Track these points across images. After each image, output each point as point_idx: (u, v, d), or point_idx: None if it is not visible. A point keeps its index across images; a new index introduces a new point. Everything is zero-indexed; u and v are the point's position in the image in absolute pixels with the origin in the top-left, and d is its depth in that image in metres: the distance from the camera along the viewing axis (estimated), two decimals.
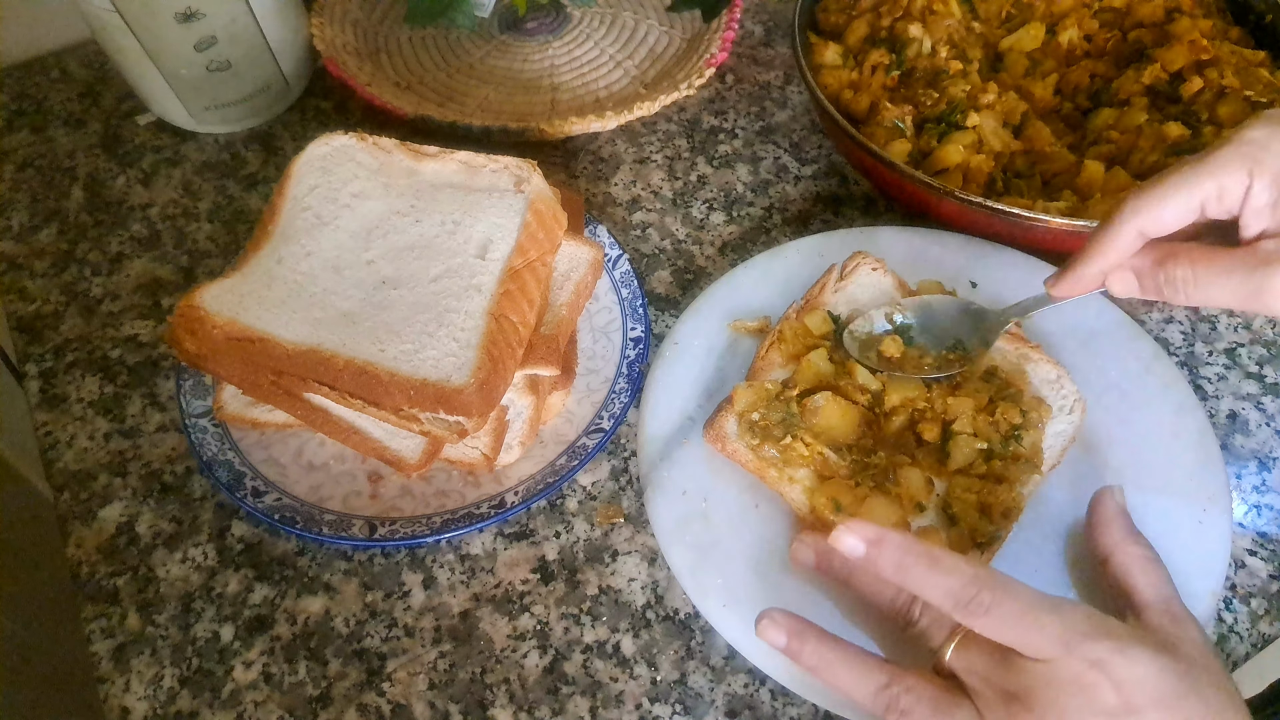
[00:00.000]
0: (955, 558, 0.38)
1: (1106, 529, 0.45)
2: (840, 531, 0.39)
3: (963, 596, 0.36)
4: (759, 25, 0.81)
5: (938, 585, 0.37)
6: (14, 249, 0.66)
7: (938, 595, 0.37)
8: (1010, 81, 0.65)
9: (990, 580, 0.36)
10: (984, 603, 0.36)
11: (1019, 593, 0.36)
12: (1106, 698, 0.34)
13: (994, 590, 0.36)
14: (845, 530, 0.39)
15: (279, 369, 0.46)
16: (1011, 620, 0.36)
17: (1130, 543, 0.44)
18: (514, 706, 0.46)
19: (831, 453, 0.48)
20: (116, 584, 0.50)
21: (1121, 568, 0.43)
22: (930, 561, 0.37)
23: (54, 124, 0.74)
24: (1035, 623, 0.35)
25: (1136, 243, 0.43)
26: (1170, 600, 0.41)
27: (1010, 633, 0.36)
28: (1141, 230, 0.42)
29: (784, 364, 0.53)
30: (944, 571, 0.37)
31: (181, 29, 0.63)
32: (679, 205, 0.67)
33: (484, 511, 0.49)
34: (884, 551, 0.38)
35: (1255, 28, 0.67)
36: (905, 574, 0.38)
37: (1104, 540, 0.44)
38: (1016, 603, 0.36)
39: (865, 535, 0.39)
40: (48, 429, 0.56)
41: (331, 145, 0.54)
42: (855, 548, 0.39)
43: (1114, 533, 0.44)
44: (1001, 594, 0.36)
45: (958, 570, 0.37)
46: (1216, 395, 0.57)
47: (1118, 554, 0.43)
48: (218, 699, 0.47)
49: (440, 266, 0.49)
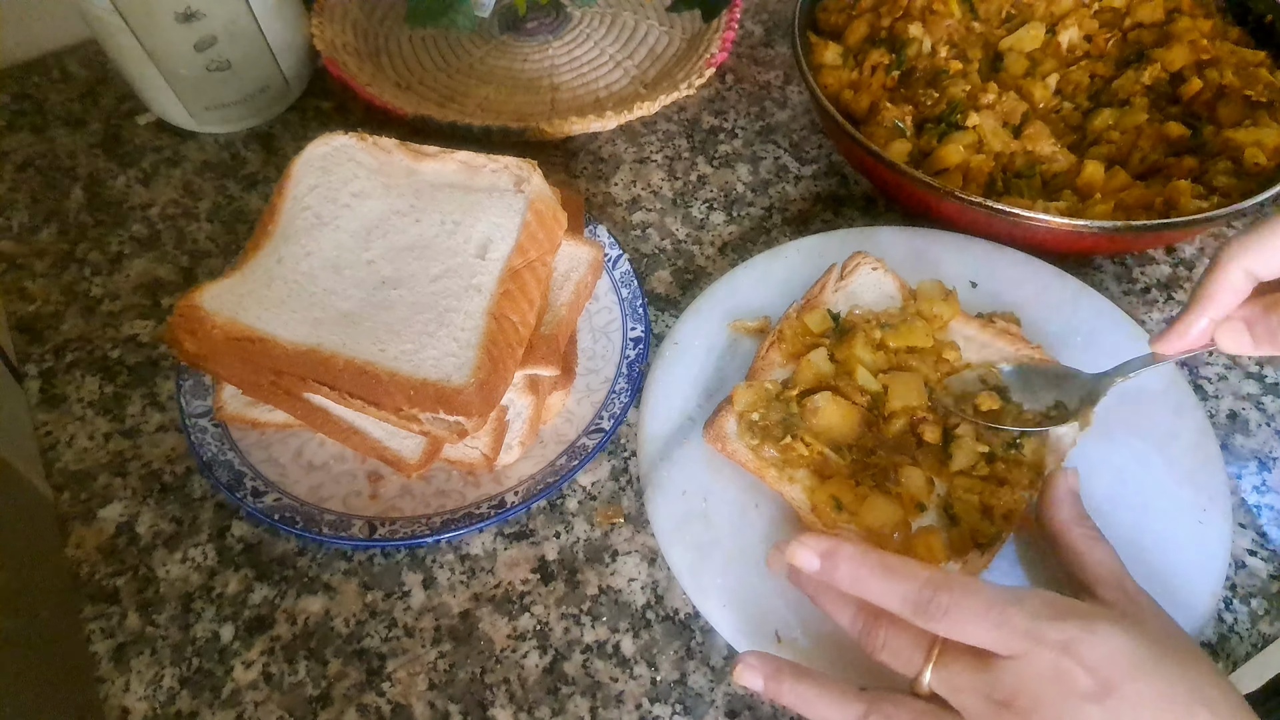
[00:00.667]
0: (909, 563, 0.38)
1: (1056, 509, 0.45)
2: (794, 546, 0.39)
3: (920, 600, 0.36)
4: (759, 25, 0.81)
5: (894, 592, 0.37)
6: (14, 249, 0.66)
7: (895, 602, 0.37)
8: (1010, 81, 0.65)
9: (946, 582, 0.36)
10: (942, 604, 0.36)
11: (977, 590, 0.36)
12: (1082, 682, 0.34)
13: (951, 591, 0.36)
14: (798, 544, 0.39)
15: (279, 369, 0.46)
16: (973, 618, 0.36)
17: (1077, 523, 0.44)
18: (514, 706, 0.46)
19: (831, 453, 0.48)
20: (116, 584, 0.50)
21: (1070, 548, 0.43)
22: (884, 570, 0.38)
23: (54, 124, 0.74)
24: (999, 617, 0.35)
25: (1245, 285, 0.40)
26: (1120, 575, 0.41)
27: (974, 630, 0.36)
28: (1249, 270, 0.39)
29: (784, 364, 0.53)
30: (899, 578, 0.37)
31: (181, 29, 0.63)
32: (679, 205, 0.67)
33: (484, 511, 0.49)
34: (838, 564, 0.38)
35: (1255, 28, 0.67)
36: (861, 585, 0.38)
37: (1053, 521, 0.45)
38: (976, 599, 0.36)
39: (818, 549, 0.39)
40: (48, 429, 0.56)
41: (331, 145, 0.54)
42: (810, 562, 0.39)
43: (1063, 512, 0.45)
44: (960, 593, 0.36)
45: (912, 575, 0.37)
46: (1216, 395, 0.57)
47: (1066, 534, 0.44)
48: (218, 699, 0.47)
49: (440, 266, 0.49)
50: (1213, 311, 0.41)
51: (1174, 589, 0.45)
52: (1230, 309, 0.41)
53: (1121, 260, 0.64)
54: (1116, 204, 0.57)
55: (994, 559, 0.46)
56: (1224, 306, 0.41)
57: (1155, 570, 0.46)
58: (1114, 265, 0.64)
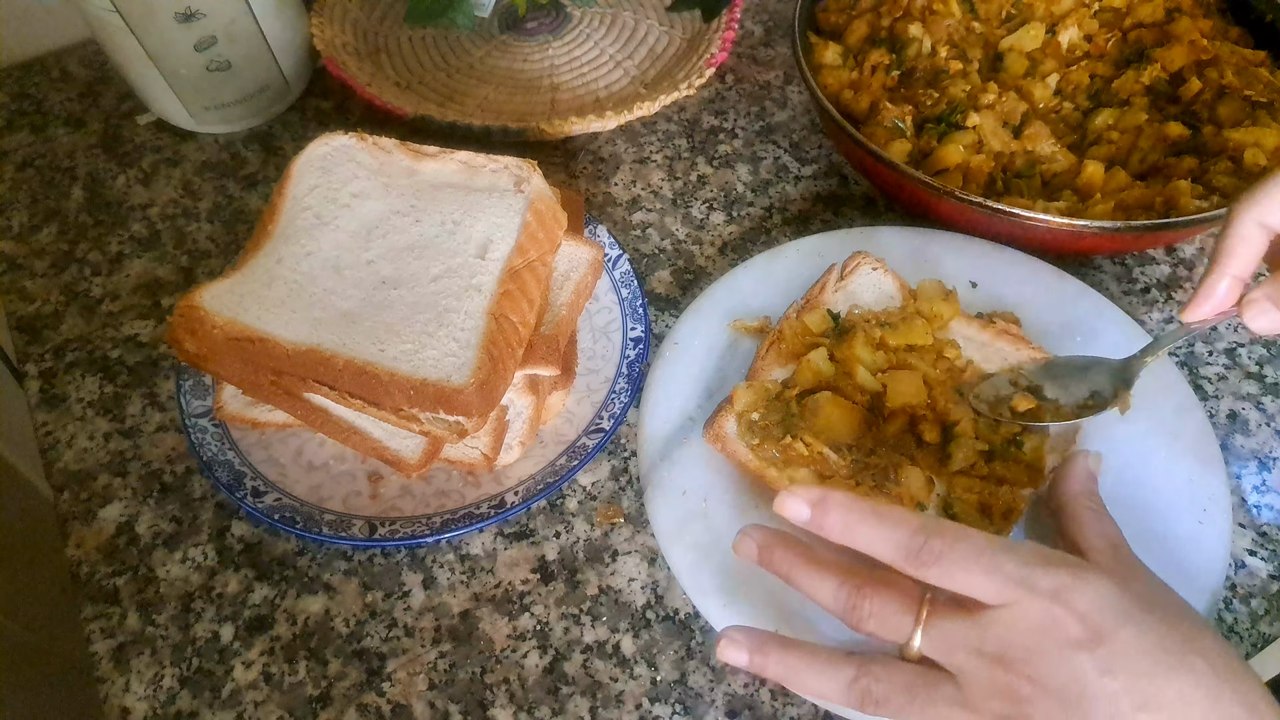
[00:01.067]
0: (900, 510, 0.37)
1: (1068, 482, 0.45)
2: (783, 498, 0.38)
3: (912, 546, 0.36)
4: (759, 25, 0.81)
5: (886, 539, 0.36)
6: (14, 249, 0.66)
7: (887, 549, 0.36)
8: (1010, 81, 0.65)
9: (938, 527, 0.36)
10: (934, 550, 0.35)
11: (968, 536, 0.36)
12: (1072, 630, 0.34)
13: (943, 536, 0.36)
14: (788, 495, 0.38)
15: (279, 369, 0.46)
16: (964, 563, 0.35)
17: (1085, 496, 0.44)
18: (514, 706, 0.46)
19: (831, 452, 0.48)
20: (116, 584, 0.50)
21: (1074, 518, 0.43)
22: (875, 516, 0.37)
23: (54, 124, 0.74)
24: (990, 562, 0.35)
25: (1260, 238, 0.40)
26: (1118, 545, 0.41)
27: (965, 577, 0.35)
28: (1261, 222, 0.40)
29: (784, 364, 0.53)
30: (891, 523, 0.36)
31: (181, 29, 0.63)
32: (679, 205, 0.67)
33: (484, 511, 0.49)
34: (828, 511, 0.37)
35: (1255, 28, 0.67)
36: (851, 532, 0.37)
37: (1063, 493, 0.45)
38: (968, 545, 0.35)
39: (808, 498, 0.38)
40: (48, 429, 0.56)
41: (331, 145, 0.54)
42: (800, 511, 0.38)
43: (1073, 485, 0.45)
44: (951, 539, 0.35)
45: (904, 521, 0.36)
46: (1216, 395, 0.57)
47: (1070, 505, 0.44)
48: (218, 699, 0.47)
49: (440, 266, 0.49)
50: (1233, 268, 0.41)
51: (1174, 589, 0.45)
52: (1250, 264, 0.41)
53: (1121, 260, 0.64)
54: (1116, 204, 0.57)
55: None
56: (1243, 262, 0.41)
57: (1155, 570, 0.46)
58: (1114, 265, 0.64)
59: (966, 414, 0.49)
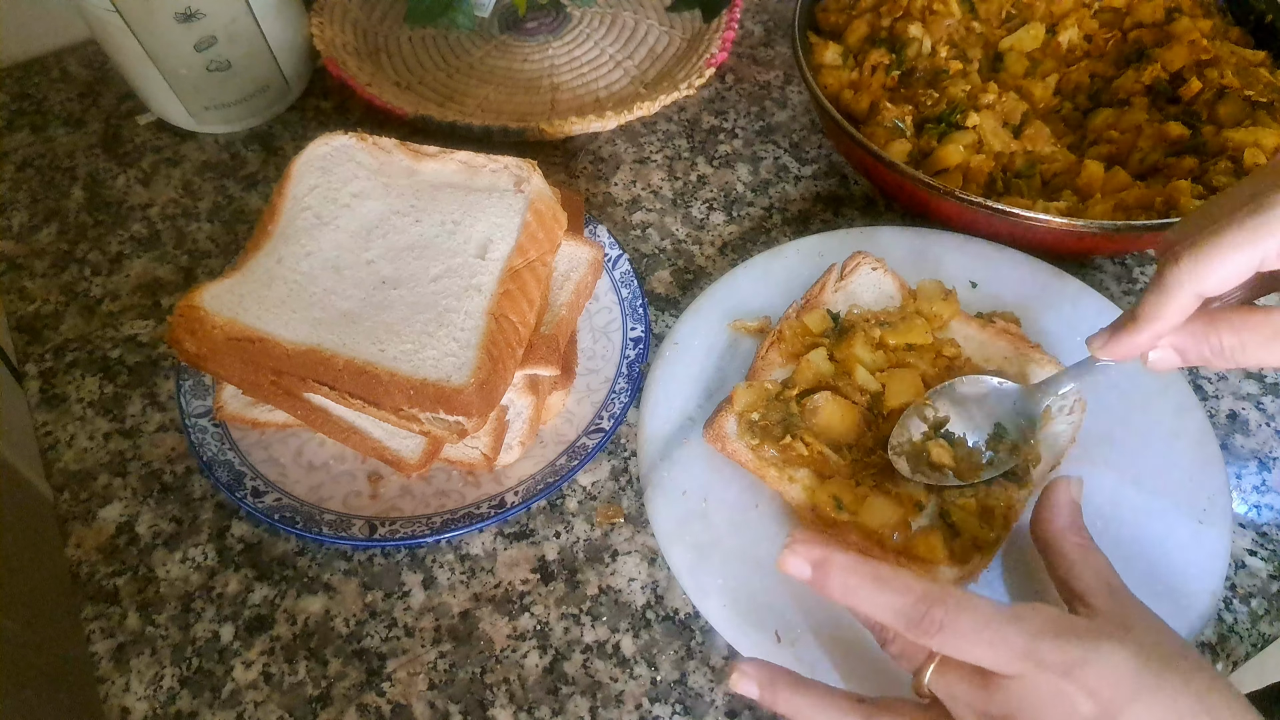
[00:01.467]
0: (903, 575, 0.36)
1: (1052, 517, 0.44)
2: (784, 554, 0.38)
3: (914, 615, 0.35)
4: (759, 25, 0.81)
5: (887, 605, 0.36)
6: (14, 249, 0.66)
7: (889, 616, 0.36)
8: (1010, 81, 0.65)
9: (942, 596, 0.35)
10: (936, 619, 0.35)
11: (974, 606, 0.35)
12: (1083, 707, 0.33)
13: (946, 606, 0.35)
14: (789, 552, 0.38)
15: (279, 369, 0.46)
16: (969, 635, 0.34)
17: (1072, 531, 0.43)
18: (514, 706, 0.46)
19: (831, 452, 0.48)
20: (116, 584, 0.50)
21: (1062, 556, 0.42)
22: (876, 581, 0.36)
23: (54, 124, 0.74)
24: (995, 635, 0.34)
25: (1193, 306, 0.39)
26: (1112, 583, 0.40)
27: (971, 648, 0.35)
28: (1200, 293, 0.38)
29: (784, 364, 0.53)
30: (892, 591, 0.36)
31: (181, 29, 0.63)
32: (679, 205, 0.67)
33: (484, 511, 0.49)
34: (830, 573, 0.37)
35: (1255, 28, 0.67)
36: (853, 595, 0.37)
37: (1048, 529, 0.44)
38: (972, 616, 0.35)
39: (810, 556, 0.38)
40: (48, 429, 0.56)
41: (331, 145, 0.54)
42: (800, 570, 0.38)
43: (1059, 520, 0.43)
44: (955, 609, 0.35)
45: (906, 589, 0.36)
46: (1216, 395, 0.57)
47: (1058, 542, 0.43)
48: (218, 699, 0.47)
49: (440, 266, 0.49)
50: (1159, 329, 0.40)
51: (1174, 589, 0.45)
52: (1176, 325, 0.40)
53: (1121, 260, 0.64)
54: (1116, 204, 0.57)
55: (992, 561, 0.46)
56: (1171, 325, 0.40)
57: (1155, 570, 0.46)
58: (1114, 265, 0.64)
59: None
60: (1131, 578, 0.44)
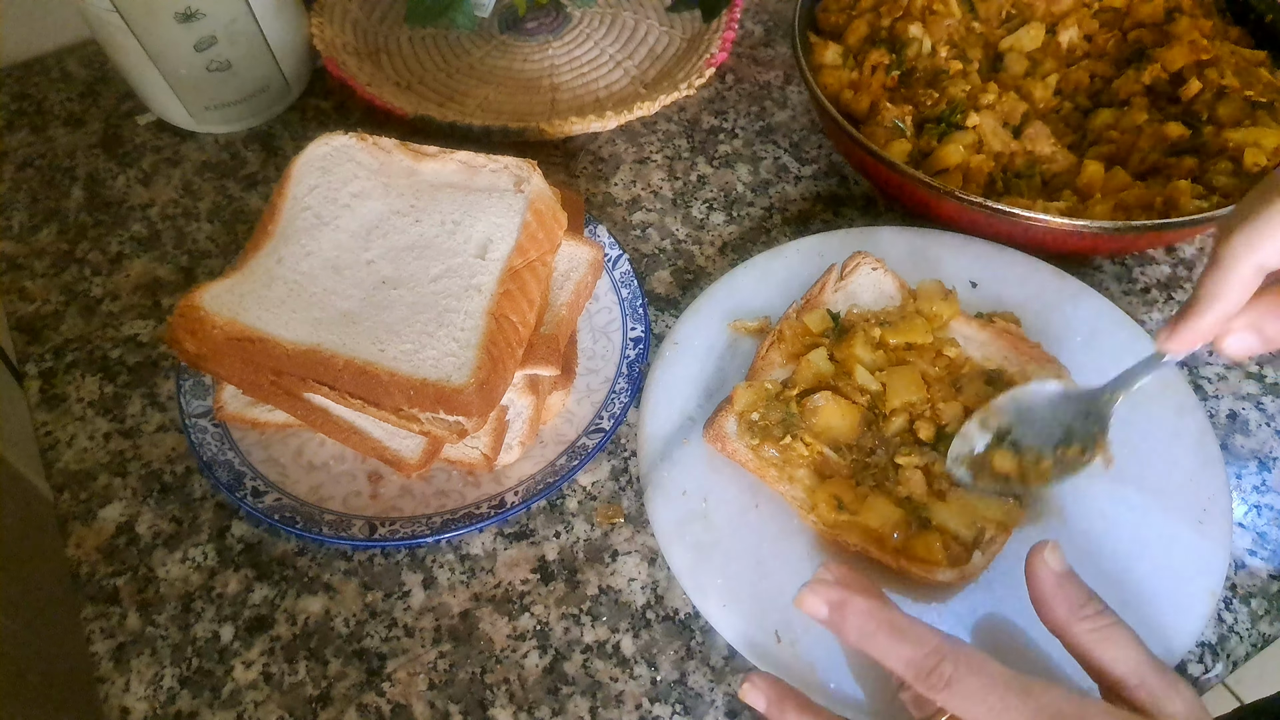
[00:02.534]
0: (919, 626, 0.36)
1: (1051, 608, 0.39)
2: (804, 593, 0.38)
3: (923, 667, 0.35)
4: (759, 25, 0.81)
5: (900, 655, 0.36)
6: (14, 249, 0.66)
7: (900, 665, 0.36)
8: (1010, 81, 0.65)
9: (954, 653, 0.35)
10: (944, 675, 0.34)
11: (984, 669, 0.34)
12: None
13: (956, 663, 0.34)
14: (809, 592, 0.38)
15: (279, 369, 0.46)
16: (974, 697, 0.34)
17: (1079, 619, 0.38)
18: (514, 706, 0.46)
19: (831, 452, 0.48)
20: (116, 584, 0.50)
21: (1078, 650, 0.38)
22: (892, 630, 0.36)
23: (54, 124, 0.74)
24: (1000, 703, 0.33)
25: (1255, 281, 0.37)
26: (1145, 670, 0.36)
27: (974, 709, 0.34)
28: (1260, 264, 0.37)
29: (784, 364, 0.53)
30: (907, 641, 0.36)
31: (181, 29, 0.63)
32: (679, 205, 0.67)
33: (484, 511, 0.49)
34: (846, 617, 0.37)
35: (1255, 28, 0.67)
36: (868, 641, 0.37)
37: (1052, 621, 0.39)
38: (979, 679, 0.34)
39: (829, 598, 0.37)
40: (48, 429, 0.56)
41: (331, 145, 0.54)
42: (818, 610, 0.38)
43: (1059, 610, 0.39)
44: (964, 669, 0.34)
45: (921, 641, 0.35)
46: (1216, 395, 0.57)
47: (1068, 636, 0.39)
48: (218, 699, 0.47)
49: (440, 266, 0.49)
50: (1223, 310, 0.39)
51: (1174, 589, 0.45)
52: (1241, 305, 0.38)
53: (1121, 260, 0.64)
54: (1116, 204, 0.57)
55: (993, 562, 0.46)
56: (1236, 303, 0.38)
57: (1156, 570, 0.46)
58: (1114, 265, 0.64)
59: (957, 414, 0.49)
60: (1132, 578, 0.44)
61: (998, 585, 0.46)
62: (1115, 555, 0.47)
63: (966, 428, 0.47)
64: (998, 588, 0.46)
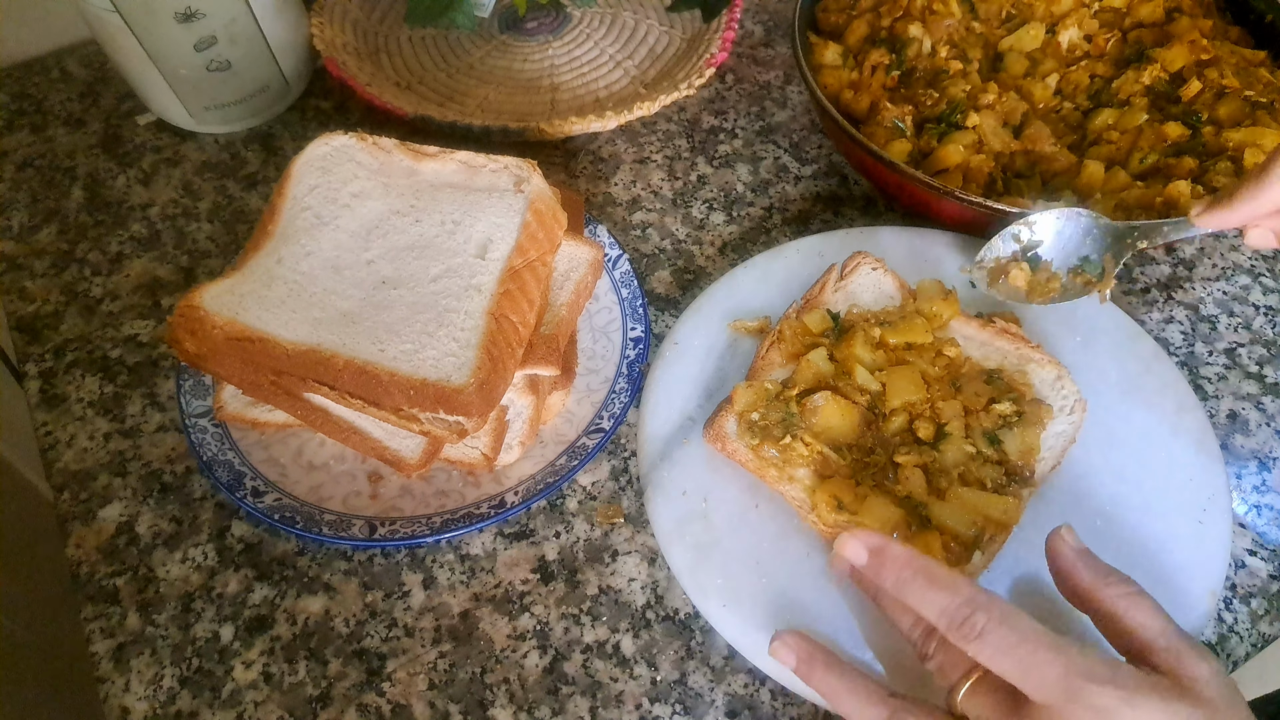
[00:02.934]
0: (956, 576, 0.37)
1: (1073, 579, 0.40)
2: (845, 537, 0.39)
3: (957, 616, 0.35)
4: (759, 25, 0.81)
5: (934, 602, 0.36)
6: (14, 249, 0.66)
7: (933, 612, 0.36)
8: (1010, 81, 0.65)
9: (988, 604, 0.35)
10: (977, 625, 0.35)
11: (1017, 623, 0.35)
12: None
13: (989, 614, 0.35)
14: (850, 536, 0.39)
15: (279, 369, 0.46)
16: (1006, 649, 0.34)
17: (1104, 584, 0.39)
18: (514, 706, 0.46)
19: (831, 452, 0.48)
20: (116, 584, 0.50)
21: (1105, 614, 0.39)
22: (929, 578, 0.37)
23: (54, 124, 0.74)
24: (1032, 657, 0.34)
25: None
26: (1171, 634, 0.37)
27: (1006, 662, 0.34)
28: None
29: (784, 364, 0.53)
30: (941, 588, 0.36)
31: (181, 29, 0.63)
32: (679, 205, 0.67)
33: (484, 511, 0.49)
34: (885, 562, 0.38)
35: (1255, 28, 0.67)
36: (904, 587, 0.37)
37: (1076, 591, 0.41)
38: (1013, 631, 0.34)
39: (869, 543, 0.38)
40: (48, 429, 0.56)
41: (331, 145, 0.54)
42: (858, 554, 0.39)
43: (1083, 579, 0.40)
44: (998, 620, 0.35)
45: (955, 589, 0.36)
46: (1216, 395, 0.57)
47: (1095, 601, 0.39)
48: (218, 699, 0.47)
49: (440, 266, 0.49)
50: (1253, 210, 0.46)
51: (1174, 589, 0.45)
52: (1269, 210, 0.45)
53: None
54: (1116, 204, 0.57)
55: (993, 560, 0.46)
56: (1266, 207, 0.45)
57: (1155, 570, 0.46)
58: None
59: (956, 413, 0.49)
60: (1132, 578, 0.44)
61: (998, 585, 0.46)
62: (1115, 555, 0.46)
63: (998, 235, 0.53)
64: (998, 588, 0.46)
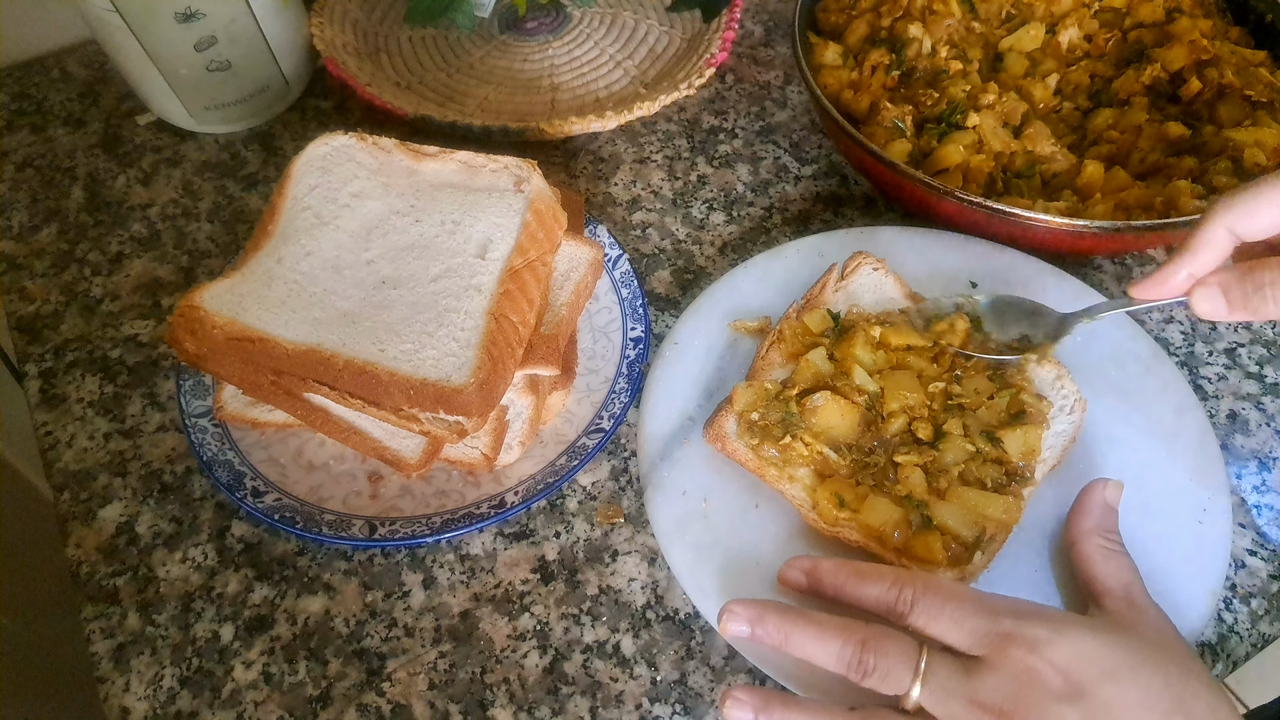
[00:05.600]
0: (878, 567, 0.41)
1: (1082, 517, 0.45)
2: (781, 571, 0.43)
3: (888, 597, 0.39)
4: (759, 25, 0.81)
5: (868, 595, 0.40)
6: (14, 249, 0.66)
7: (871, 601, 0.40)
8: (1010, 81, 0.65)
9: (911, 579, 0.39)
10: (906, 600, 0.39)
11: (938, 587, 0.39)
12: (1052, 682, 0.35)
13: (914, 586, 0.39)
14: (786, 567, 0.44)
15: (279, 369, 0.46)
16: (934, 611, 0.38)
17: (1097, 533, 0.44)
18: (514, 706, 0.46)
19: (831, 452, 0.48)
20: (116, 584, 0.50)
21: (1084, 556, 0.44)
22: (858, 575, 0.41)
23: (54, 124, 0.74)
24: (959, 610, 0.37)
25: (1226, 244, 0.41)
26: (1130, 586, 0.42)
27: (940, 623, 0.38)
28: (1232, 229, 0.40)
29: (784, 364, 0.53)
30: (871, 579, 0.40)
31: (181, 29, 0.63)
32: (679, 205, 0.67)
33: (484, 511, 0.49)
34: (821, 576, 0.42)
35: (1255, 28, 0.67)
36: (842, 589, 0.41)
37: (1075, 527, 0.45)
38: (938, 594, 0.38)
39: (803, 566, 0.43)
40: (48, 429, 0.56)
41: (331, 145, 0.54)
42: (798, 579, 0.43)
43: (1086, 521, 0.45)
44: (922, 588, 0.39)
45: (882, 576, 0.40)
46: (1216, 395, 0.57)
47: (1082, 542, 0.44)
48: (218, 699, 0.47)
49: (440, 266, 0.49)
50: (1191, 265, 0.42)
51: (1174, 589, 0.45)
52: (1210, 265, 0.42)
53: (1121, 260, 0.64)
54: (1116, 204, 0.57)
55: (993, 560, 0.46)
56: (1203, 262, 0.42)
57: (1155, 570, 0.46)
58: (1114, 265, 0.64)
59: (956, 414, 0.49)
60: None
61: (998, 586, 0.46)
62: None
63: (942, 299, 0.54)
64: (998, 588, 0.46)
